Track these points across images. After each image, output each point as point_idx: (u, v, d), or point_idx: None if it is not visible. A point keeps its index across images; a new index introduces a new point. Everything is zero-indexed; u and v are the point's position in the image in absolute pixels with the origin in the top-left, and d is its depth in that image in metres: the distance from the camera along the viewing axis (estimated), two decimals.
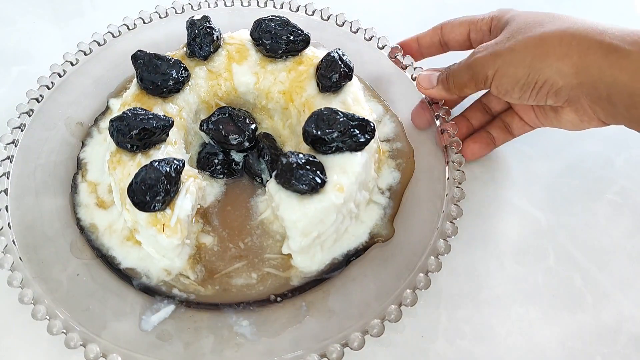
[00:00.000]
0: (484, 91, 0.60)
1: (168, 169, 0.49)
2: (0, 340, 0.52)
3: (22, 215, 0.54)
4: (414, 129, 0.61)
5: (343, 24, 0.66)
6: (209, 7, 0.68)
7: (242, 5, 0.68)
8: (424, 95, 0.61)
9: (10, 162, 0.56)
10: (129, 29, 0.66)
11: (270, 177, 0.56)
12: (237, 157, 0.58)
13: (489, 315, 0.54)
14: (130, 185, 0.49)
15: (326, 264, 0.53)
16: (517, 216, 0.60)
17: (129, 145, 0.51)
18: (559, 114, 0.54)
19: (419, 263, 0.51)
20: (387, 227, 0.55)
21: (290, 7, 0.68)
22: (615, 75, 0.47)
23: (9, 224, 0.52)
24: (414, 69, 0.62)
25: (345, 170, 0.51)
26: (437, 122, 0.59)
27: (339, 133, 0.51)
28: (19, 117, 0.58)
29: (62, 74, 0.62)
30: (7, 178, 0.55)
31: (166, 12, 0.68)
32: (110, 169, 0.52)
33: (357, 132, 0.51)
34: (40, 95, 0.60)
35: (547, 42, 0.50)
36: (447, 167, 0.56)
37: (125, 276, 0.52)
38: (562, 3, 0.80)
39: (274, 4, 0.68)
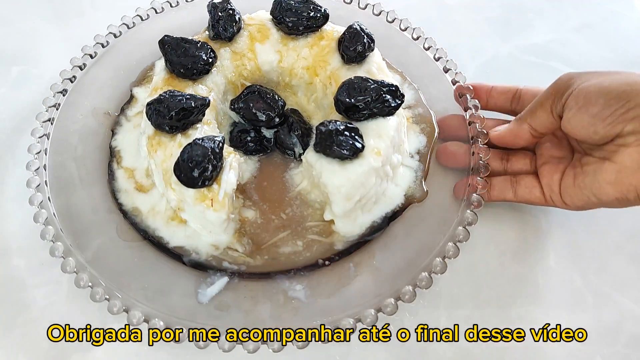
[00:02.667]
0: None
1: (213, 145, 0.50)
2: (0, 340, 0.52)
3: (64, 205, 0.55)
4: (432, 96, 0.63)
5: (366, 6, 0.69)
6: None
7: None
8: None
9: (45, 154, 0.57)
10: (142, 19, 0.67)
11: (303, 150, 0.58)
12: (268, 133, 0.60)
13: (489, 315, 0.54)
14: (177, 163, 0.50)
15: (367, 226, 0.55)
16: (517, 216, 0.60)
17: (167, 127, 0.53)
18: (614, 158, 0.48)
19: (456, 218, 0.54)
20: (420, 189, 0.57)
21: None
22: None
23: (54, 214, 0.53)
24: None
25: (380, 134, 0.53)
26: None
27: (371, 99, 0.53)
28: (46, 110, 0.59)
29: (82, 67, 0.63)
30: (45, 170, 0.56)
31: (177, 2, 0.69)
32: (151, 151, 0.54)
33: (389, 97, 0.53)
34: (64, 90, 0.61)
35: None
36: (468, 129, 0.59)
37: (175, 254, 0.53)
38: (562, 3, 0.80)
39: None
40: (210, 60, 0.57)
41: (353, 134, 0.51)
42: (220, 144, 0.51)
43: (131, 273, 0.52)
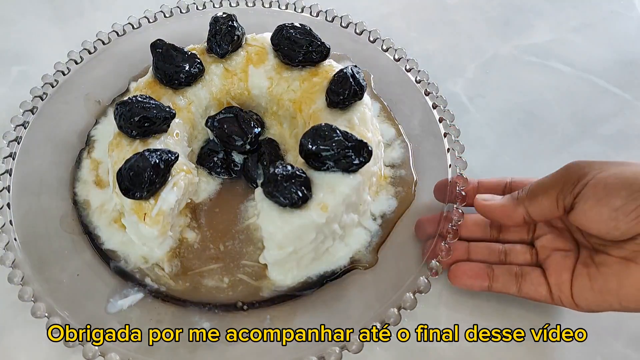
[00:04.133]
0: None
1: (157, 160, 0.49)
2: (0, 339, 0.52)
3: (25, 176, 0.56)
4: (422, 159, 0.59)
5: (375, 40, 0.65)
6: (231, 5, 0.70)
7: (263, 6, 0.68)
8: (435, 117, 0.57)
9: (24, 127, 0.58)
10: (149, 21, 0.68)
11: None
12: (238, 158, 0.58)
13: (489, 315, 0.53)
14: (120, 170, 0.50)
15: (300, 281, 0.52)
16: None
17: (129, 131, 0.52)
18: (635, 260, 0.44)
19: (393, 297, 0.49)
20: (371, 255, 0.53)
21: (326, 16, 0.67)
22: None
23: (10, 170, 0.55)
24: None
25: (334, 190, 0.50)
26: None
27: (333, 151, 0.49)
28: (42, 86, 0.61)
29: (91, 51, 0.64)
30: (18, 143, 0.57)
31: (188, 8, 0.69)
32: (110, 150, 0.54)
33: (352, 153, 0.50)
34: (68, 68, 0.63)
35: None
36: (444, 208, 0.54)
37: (105, 256, 0.53)
38: (562, 3, 0.79)
39: (299, 8, 0.69)
40: (194, 73, 0.56)
41: (299, 183, 0.48)
42: (170, 160, 0.50)
43: (57, 264, 0.52)
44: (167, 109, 0.53)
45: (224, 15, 0.58)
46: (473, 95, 0.60)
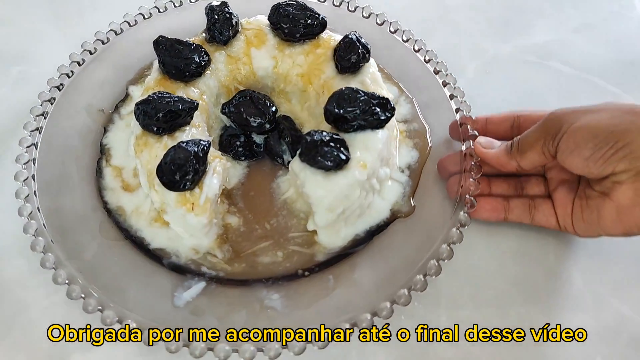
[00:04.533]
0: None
1: (196, 149, 0.50)
2: (0, 340, 0.52)
3: (50, 200, 0.55)
4: (428, 110, 0.62)
5: (355, 9, 0.68)
6: None
7: None
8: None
9: (36, 148, 0.57)
10: (144, 17, 0.67)
11: (292, 157, 0.58)
12: (258, 139, 0.60)
13: (489, 315, 0.54)
14: (160, 165, 0.50)
15: (349, 239, 0.54)
16: None
17: (155, 128, 0.53)
18: (611, 195, 0.49)
19: (441, 235, 0.53)
20: (408, 204, 0.56)
21: None
22: None
23: (38, 208, 0.53)
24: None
25: (368, 147, 0.52)
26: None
27: (360, 111, 0.52)
28: (41, 104, 0.59)
29: (81, 63, 0.63)
30: (34, 164, 0.56)
31: (181, 2, 0.69)
32: (137, 151, 0.54)
33: (378, 110, 0.52)
34: (61, 84, 0.61)
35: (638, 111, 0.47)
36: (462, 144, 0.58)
37: (155, 256, 0.53)
38: (562, 3, 0.80)
39: None
40: (204, 63, 0.57)
41: (338, 146, 0.51)
42: (205, 148, 0.51)
43: (111, 272, 0.52)
44: (189, 100, 0.53)
45: (219, 3, 0.59)
46: (473, 95, 0.62)
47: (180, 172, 0.49)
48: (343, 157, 0.50)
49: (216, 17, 0.58)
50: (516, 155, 0.53)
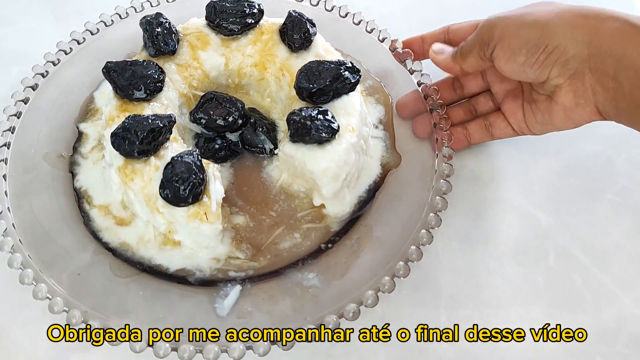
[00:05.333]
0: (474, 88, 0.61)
1: (193, 159, 0.49)
2: (0, 340, 0.52)
3: (48, 260, 0.52)
4: (377, 67, 0.65)
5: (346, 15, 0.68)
6: (167, 2, 0.69)
7: None
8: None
9: (9, 212, 0.53)
10: (65, 53, 0.64)
11: (273, 145, 0.58)
12: (234, 137, 0.59)
13: (488, 315, 0.54)
14: (162, 184, 0.49)
15: (355, 203, 0.56)
16: (517, 216, 0.60)
17: (136, 153, 0.51)
18: (555, 98, 0.53)
19: (435, 173, 0.56)
20: (393, 155, 0.59)
21: None
22: (626, 49, 0.47)
23: (46, 280, 0.50)
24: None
25: (348, 111, 0.55)
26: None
27: (331, 79, 0.54)
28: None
29: (18, 116, 0.59)
30: (14, 228, 0.52)
31: (97, 29, 0.66)
32: (126, 182, 0.52)
33: (347, 74, 0.55)
34: (7, 143, 0.57)
35: (563, 12, 0.50)
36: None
37: (179, 278, 0.52)
38: (562, 2, 0.81)
39: None
40: (161, 77, 0.55)
41: (327, 117, 0.52)
42: (199, 157, 0.51)
43: (142, 308, 0.50)
44: (165, 115, 0.52)
45: (154, 15, 0.58)
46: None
47: (185, 186, 0.48)
48: (335, 125, 0.52)
49: (157, 29, 0.57)
50: (459, 59, 0.56)
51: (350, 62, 0.55)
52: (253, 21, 0.59)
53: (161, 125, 0.51)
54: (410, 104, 0.61)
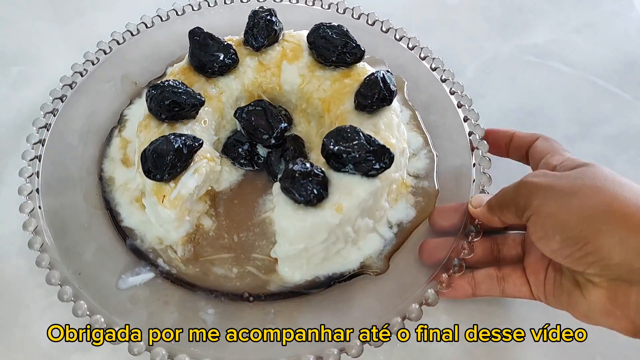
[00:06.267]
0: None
1: (180, 145, 0.50)
2: (0, 340, 0.53)
3: (56, 153, 0.58)
4: (446, 169, 0.58)
5: (413, 48, 0.65)
6: (274, 0, 0.70)
7: (306, 4, 0.69)
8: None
9: (62, 101, 0.60)
10: (177, 14, 0.68)
11: None
12: (262, 151, 0.59)
13: (489, 315, 0.53)
14: (144, 151, 0.51)
15: (307, 279, 0.52)
16: None
17: (159, 114, 0.53)
18: (584, 292, 0.44)
19: (400, 306, 0.49)
20: (382, 262, 0.53)
21: (367, 20, 0.67)
22: None
23: (39, 206, 0.54)
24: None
25: (351, 192, 0.50)
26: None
27: (354, 154, 0.49)
28: (83, 63, 0.63)
29: (134, 33, 0.66)
30: (54, 115, 0.59)
31: (215, 2, 0.70)
32: (138, 131, 0.55)
33: (372, 157, 0.49)
34: (110, 47, 0.64)
35: (621, 204, 0.41)
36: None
37: (123, 233, 0.54)
38: (562, 3, 0.79)
39: (341, 9, 0.69)
40: (228, 63, 0.57)
41: (317, 182, 0.48)
42: (193, 147, 0.51)
43: (78, 235, 0.53)
44: (198, 96, 0.54)
45: (264, 9, 0.59)
46: (473, 95, 0.60)
47: (158, 162, 0.50)
48: (315, 193, 0.48)
49: (256, 21, 0.58)
50: (497, 212, 0.49)
51: (386, 149, 0.49)
52: (344, 60, 0.57)
53: (185, 102, 0.53)
54: (449, 218, 0.54)
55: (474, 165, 0.56)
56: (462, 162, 0.58)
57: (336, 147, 0.50)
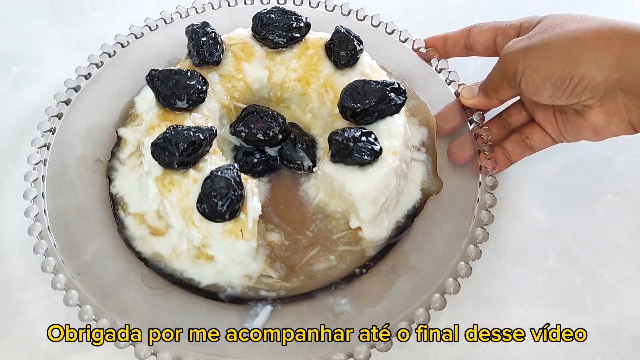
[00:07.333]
0: (507, 104, 0.60)
1: (233, 175, 0.49)
2: (0, 340, 0.52)
3: (81, 263, 0.51)
4: (422, 87, 0.64)
5: (364, 18, 0.67)
6: (212, 8, 0.68)
7: (245, 4, 0.69)
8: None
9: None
10: (109, 56, 0.63)
11: (312, 161, 0.57)
12: (272, 152, 0.59)
13: (489, 315, 0.54)
14: (200, 199, 0.48)
15: (392, 228, 0.55)
16: (517, 216, 0.60)
17: (176, 164, 0.50)
18: (585, 116, 0.52)
19: (476, 204, 0.54)
20: (435, 181, 0.58)
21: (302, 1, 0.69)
22: None
23: (72, 276, 0.50)
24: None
25: (392, 133, 0.53)
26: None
27: (377, 100, 0.53)
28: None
29: (59, 116, 0.59)
30: (49, 231, 0.52)
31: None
32: (164, 192, 0.51)
33: (393, 95, 0.53)
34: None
35: (585, 36, 0.48)
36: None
37: (209, 293, 0.51)
38: (562, 3, 0.79)
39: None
40: (204, 88, 0.55)
41: (370, 139, 0.51)
42: (238, 172, 0.50)
43: (171, 323, 0.49)
44: (207, 128, 0.52)
45: (199, 24, 0.57)
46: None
47: (223, 202, 0.48)
48: (377, 148, 0.51)
49: (202, 38, 0.56)
50: (492, 94, 0.56)
51: (397, 83, 0.54)
52: (299, 35, 0.58)
53: (202, 137, 0.50)
54: (450, 119, 0.60)
55: (440, 70, 0.63)
56: (430, 77, 0.64)
57: (358, 104, 0.53)
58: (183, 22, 0.64)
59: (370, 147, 0.50)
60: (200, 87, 0.54)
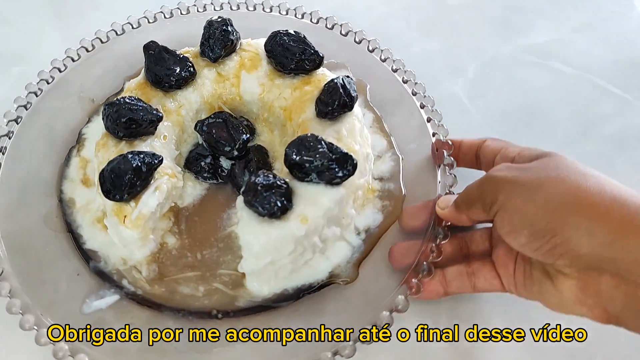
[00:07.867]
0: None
1: (139, 163, 0.49)
2: (0, 340, 0.52)
3: (14, 171, 0.56)
4: (412, 171, 0.57)
5: (373, 50, 0.64)
6: (231, 8, 0.68)
7: (263, 11, 0.68)
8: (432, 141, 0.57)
9: (17, 123, 0.59)
10: (149, 21, 0.67)
11: None
12: (225, 163, 0.58)
13: (488, 315, 0.53)
14: (102, 171, 0.49)
15: (276, 292, 0.51)
16: None
17: (116, 132, 0.52)
18: (555, 282, 0.44)
19: (369, 315, 0.48)
20: (352, 270, 0.52)
21: (326, 24, 0.66)
22: None
23: None
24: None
25: (315, 202, 0.49)
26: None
27: (316, 163, 0.49)
28: (37, 82, 0.61)
29: (89, 49, 0.64)
30: (9, 138, 0.58)
31: (201, 8, 0.68)
32: (96, 150, 0.54)
33: (335, 165, 0.49)
34: (65, 65, 0.63)
35: (584, 194, 0.41)
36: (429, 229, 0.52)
37: (86, 256, 0.53)
38: (562, 3, 0.79)
39: (299, 14, 0.67)
40: (185, 76, 0.56)
41: (280, 194, 0.48)
42: (152, 164, 0.50)
43: (39, 260, 0.52)
44: (155, 112, 0.52)
45: (219, 19, 0.58)
46: (473, 95, 0.60)
47: (116, 183, 0.48)
48: (279, 205, 0.47)
49: (212, 32, 0.57)
50: (464, 209, 0.49)
51: (348, 156, 0.49)
52: (303, 67, 0.56)
53: (142, 118, 0.51)
54: (418, 217, 0.53)
55: (439, 166, 0.56)
56: (427, 163, 0.57)
57: (298, 157, 0.49)
58: (136, 33, 0.65)
59: (274, 202, 0.47)
60: (179, 74, 0.55)
